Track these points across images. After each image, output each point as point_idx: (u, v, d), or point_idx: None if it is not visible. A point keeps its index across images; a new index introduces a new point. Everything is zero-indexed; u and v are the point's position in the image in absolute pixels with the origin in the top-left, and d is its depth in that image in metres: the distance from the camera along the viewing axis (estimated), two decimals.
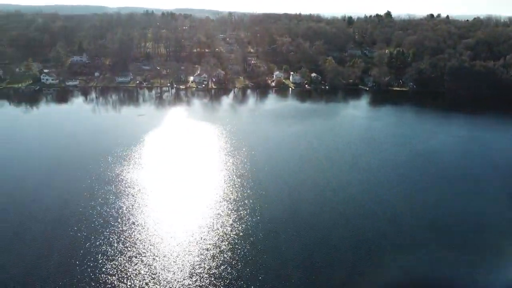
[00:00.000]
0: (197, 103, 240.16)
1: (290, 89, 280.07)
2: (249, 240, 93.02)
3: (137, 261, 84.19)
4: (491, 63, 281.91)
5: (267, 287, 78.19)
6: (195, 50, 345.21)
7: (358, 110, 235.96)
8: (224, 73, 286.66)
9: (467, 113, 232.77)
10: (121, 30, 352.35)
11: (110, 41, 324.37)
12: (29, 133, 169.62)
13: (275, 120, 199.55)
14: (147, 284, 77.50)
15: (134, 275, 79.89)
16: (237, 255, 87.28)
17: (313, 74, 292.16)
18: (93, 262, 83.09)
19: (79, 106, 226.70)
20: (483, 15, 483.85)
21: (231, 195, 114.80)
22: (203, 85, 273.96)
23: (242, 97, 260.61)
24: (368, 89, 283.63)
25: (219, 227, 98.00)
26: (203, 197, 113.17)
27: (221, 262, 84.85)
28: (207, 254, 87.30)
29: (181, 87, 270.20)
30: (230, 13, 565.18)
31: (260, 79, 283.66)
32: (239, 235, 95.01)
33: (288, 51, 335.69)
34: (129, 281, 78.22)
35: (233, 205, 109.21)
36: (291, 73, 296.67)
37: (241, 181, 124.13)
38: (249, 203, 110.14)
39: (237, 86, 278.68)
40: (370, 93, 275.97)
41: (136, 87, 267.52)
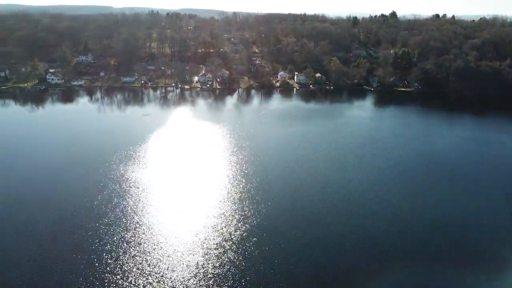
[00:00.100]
0: (201, 103, 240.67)
1: (294, 89, 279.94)
2: (253, 239, 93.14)
3: (141, 260, 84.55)
4: (497, 64, 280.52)
5: (271, 287, 78.41)
6: (200, 50, 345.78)
7: (362, 110, 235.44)
8: (228, 73, 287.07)
9: (472, 113, 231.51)
10: (126, 30, 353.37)
11: (115, 41, 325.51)
12: (34, 132, 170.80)
13: (279, 120, 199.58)
14: (151, 283, 77.80)
15: (138, 274, 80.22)
16: (241, 255, 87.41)
17: (318, 74, 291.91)
18: (97, 261, 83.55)
19: (84, 105, 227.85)
20: (489, 15, 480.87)
21: (235, 195, 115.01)
22: (208, 85, 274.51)
23: (246, 97, 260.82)
24: (373, 89, 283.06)
25: (223, 227, 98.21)
26: (207, 196, 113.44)
27: (225, 261, 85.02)
28: (211, 253, 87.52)
29: (185, 87, 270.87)
30: (235, 13, 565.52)
31: (264, 79, 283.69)
32: (243, 234, 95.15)
33: (292, 51, 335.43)
34: (133, 280, 78.56)
35: (237, 204, 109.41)
36: (296, 73, 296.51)
37: (245, 181, 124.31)
38: (253, 202, 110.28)
39: (241, 86, 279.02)
40: (374, 94, 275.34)
41: (141, 87, 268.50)
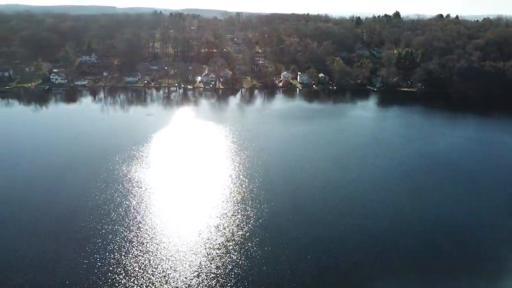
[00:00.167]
0: (204, 103, 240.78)
1: (297, 89, 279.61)
2: (255, 240, 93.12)
3: (144, 260, 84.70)
4: (501, 64, 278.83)
5: (274, 287, 78.38)
6: (203, 50, 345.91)
7: (365, 110, 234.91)
8: (231, 73, 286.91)
9: (475, 114, 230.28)
10: (129, 30, 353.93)
11: (118, 41, 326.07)
12: (38, 132, 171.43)
13: (282, 120, 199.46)
14: (153, 283, 77.96)
15: (141, 274, 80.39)
16: (244, 255, 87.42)
17: (321, 74, 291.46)
18: (100, 260, 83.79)
19: (87, 105, 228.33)
20: (493, 15, 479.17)
21: (237, 195, 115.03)
22: (211, 85, 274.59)
23: (249, 97, 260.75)
24: (376, 89, 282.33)
25: (225, 227, 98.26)
26: (210, 196, 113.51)
27: (227, 262, 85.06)
28: (214, 254, 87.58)
29: (188, 87, 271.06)
30: (238, 13, 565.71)
31: (267, 79, 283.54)
32: (246, 234, 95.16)
33: (295, 51, 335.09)
34: (136, 280, 78.72)
35: (239, 204, 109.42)
36: (299, 73, 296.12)
37: (247, 181, 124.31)
38: (255, 203, 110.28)
39: (244, 86, 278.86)
40: (378, 94, 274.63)
41: (144, 87, 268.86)
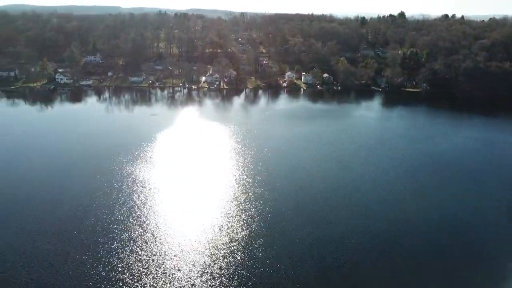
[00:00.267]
0: (209, 103, 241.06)
1: (302, 89, 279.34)
2: (259, 240, 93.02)
3: (148, 259, 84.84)
4: (507, 64, 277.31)
5: (278, 287, 78.27)
6: (207, 50, 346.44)
7: (370, 111, 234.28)
8: (236, 74, 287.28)
9: (481, 114, 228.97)
10: (134, 30, 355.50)
11: (123, 41, 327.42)
12: (43, 132, 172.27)
13: (286, 120, 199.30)
14: (157, 283, 78.05)
15: (145, 273, 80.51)
16: (248, 255, 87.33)
17: (325, 74, 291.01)
18: (105, 260, 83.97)
19: (92, 105, 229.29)
20: (499, 15, 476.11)
21: (242, 195, 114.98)
22: (215, 85, 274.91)
23: (253, 97, 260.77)
24: (380, 90, 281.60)
25: (229, 227, 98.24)
26: (214, 196, 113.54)
27: (231, 261, 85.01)
28: (217, 253, 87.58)
29: (193, 87, 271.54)
30: (242, 14, 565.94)
31: (272, 80, 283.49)
32: (250, 235, 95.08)
33: (300, 51, 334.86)
34: (140, 279, 78.86)
35: (243, 204, 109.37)
36: (303, 73, 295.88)
37: (252, 181, 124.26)
38: (259, 203, 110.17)
39: (248, 86, 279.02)
40: (382, 94, 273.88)
41: (148, 87, 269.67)
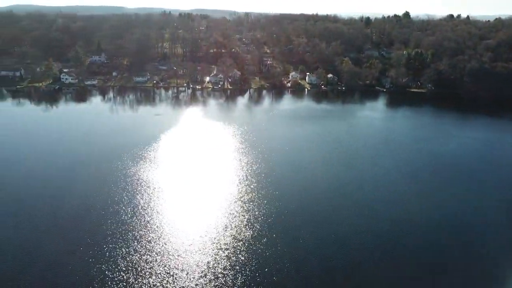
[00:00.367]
0: (213, 103, 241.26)
1: (306, 90, 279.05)
2: (263, 240, 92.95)
3: (151, 259, 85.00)
4: None
5: (282, 287, 78.33)
6: (212, 50, 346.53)
7: (374, 111, 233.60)
8: (240, 74, 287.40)
9: (486, 115, 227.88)
10: (139, 30, 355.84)
11: (128, 41, 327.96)
12: (47, 131, 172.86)
13: (290, 121, 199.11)
14: (161, 282, 78.18)
15: (148, 273, 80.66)
16: (251, 255, 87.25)
17: (330, 75, 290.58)
18: (109, 259, 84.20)
19: (97, 105, 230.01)
20: (505, 15, 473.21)
21: (245, 195, 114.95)
22: (219, 86, 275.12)
23: (257, 97, 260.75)
24: (385, 90, 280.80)
25: (233, 227, 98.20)
26: (218, 196, 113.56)
27: (235, 262, 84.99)
28: (221, 254, 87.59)
29: (197, 87, 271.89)
30: (246, 14, 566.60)
31: (276, 80, 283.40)
32: (253, 235, 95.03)
33: (304, 51, 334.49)
34: (143, 279, 79.02)
35: (247, 205, 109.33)
36: (307, 73, 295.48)
37: (255, 181, 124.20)
38: (263, 203, 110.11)
39: (253, 86, 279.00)
40: (387, 95, 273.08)
41: (153, 87, 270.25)
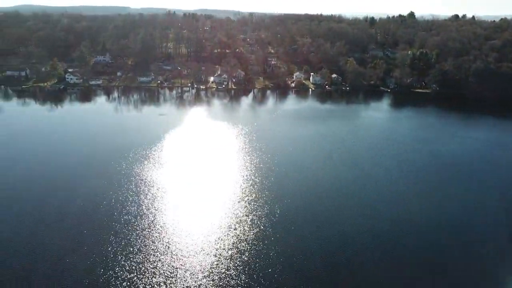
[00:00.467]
0: (217, 103, 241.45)
1: (310, 90, 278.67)
2: (267, 240, 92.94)
3: (155, 259, 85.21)
4: None
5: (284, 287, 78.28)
6: (216, 50, 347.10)
7: (378, 112, 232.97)
8: (244, 74, 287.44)
9: (491, 115, 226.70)
10: (143, 30, 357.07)
11: (132, 41, 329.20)
12: (52, 131, 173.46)
13: (294, 121, 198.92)
14: (165, 282, 78.36)
15: (152, 273, 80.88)
16: (255, 256, 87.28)
17: (334, 75, 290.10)
18: (113, 259, 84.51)
19: (101, 105, 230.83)
20: (510, 15, 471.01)
21: (249, 196, 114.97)
22: (223, 86, 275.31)
23: (261, 97, 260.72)
24: (389, 90, 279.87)
25: (237, 227, 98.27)
26: (222, 197, 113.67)
27: (238, 262, 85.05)
28: (225, 254, 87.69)
29: (201, 87, 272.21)
30: (250, 14, 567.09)
31: (280, 80, 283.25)
32: (257, 235, 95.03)
33: (308, 51, 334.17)
34: (147, 279, 79.23)
35: (251, 205, 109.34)
36: (312, 74, 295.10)
37: (259, 181, 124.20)
38: (267, 203, 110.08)
39: (257, 86, 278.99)
40: (391, 95, 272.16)
41: (157, 87, 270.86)
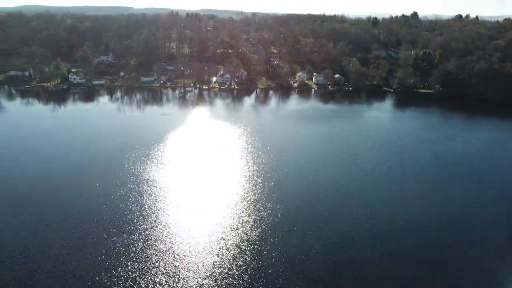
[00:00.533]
0: (219, 103, 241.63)
1: (313, 90, 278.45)
2: (269, 241, 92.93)
3: (158, 259, 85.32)
4: None
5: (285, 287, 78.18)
6: (219, 50, 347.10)
7: (381, 112, 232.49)
8: (247, 74, 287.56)
9: (494, 115, 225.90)
10: (146, 30, 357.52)
11: (135, 41, 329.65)
12: (55, 131, 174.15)
13: (296, 121, 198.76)
14: (167, 282, 78.46)
15: (154, 273, 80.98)
16: (257, 256, 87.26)
17: (337, 75, 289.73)
18: (116, 258, 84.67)
19: (104, 105, 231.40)
20: None
21: (251, 196, 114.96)
22: (226, 86, 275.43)
23: (264, 97, 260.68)
24: (392, 90, 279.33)
25: (239, 227, 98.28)
26: (224, 197, 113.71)
27: (241, 262, 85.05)
28: (227, 254, 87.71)
29: (204, 87, 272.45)
30: (253, 14, 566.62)
31: (282, 80, 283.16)
32: (259, 235, 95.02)
33: (311, 52, 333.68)
34: (150, 278, 79.33)
35: (253, 205, 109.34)
36: (314, 74, 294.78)
37: (261, 181, 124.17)
38: (269, 203, 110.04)
39: (259, 86, 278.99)
40: (394, 95, 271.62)
41: (160, 87, 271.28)
